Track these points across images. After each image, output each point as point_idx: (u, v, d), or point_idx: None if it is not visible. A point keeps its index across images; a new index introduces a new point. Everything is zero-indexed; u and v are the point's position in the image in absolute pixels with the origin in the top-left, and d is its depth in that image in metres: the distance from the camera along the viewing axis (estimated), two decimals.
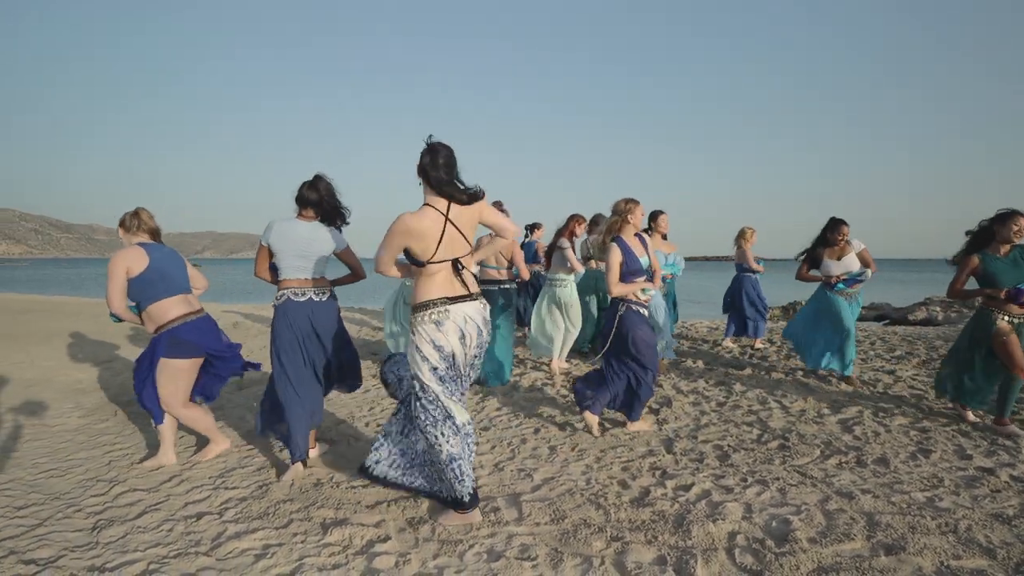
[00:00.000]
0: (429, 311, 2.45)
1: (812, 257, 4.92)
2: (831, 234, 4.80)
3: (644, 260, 3.59)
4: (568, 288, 5.37)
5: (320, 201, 3.05)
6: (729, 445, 3.46)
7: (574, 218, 5.49)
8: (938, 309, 11.15)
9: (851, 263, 4.80)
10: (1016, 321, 3.53)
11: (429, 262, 2.43)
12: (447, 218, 2.43)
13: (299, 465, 3.02)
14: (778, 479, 2.96)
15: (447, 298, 2.46)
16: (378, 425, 3.88)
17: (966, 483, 2.89)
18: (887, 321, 12.44)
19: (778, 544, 2.32)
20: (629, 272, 3.52)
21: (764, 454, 3.32)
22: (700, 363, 5.85)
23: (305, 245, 3.01)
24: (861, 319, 14.85)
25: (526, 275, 5.09)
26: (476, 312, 2.52)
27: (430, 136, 2.47)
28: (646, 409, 4.16)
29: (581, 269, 5.34)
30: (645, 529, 2.46)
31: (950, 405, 4.08)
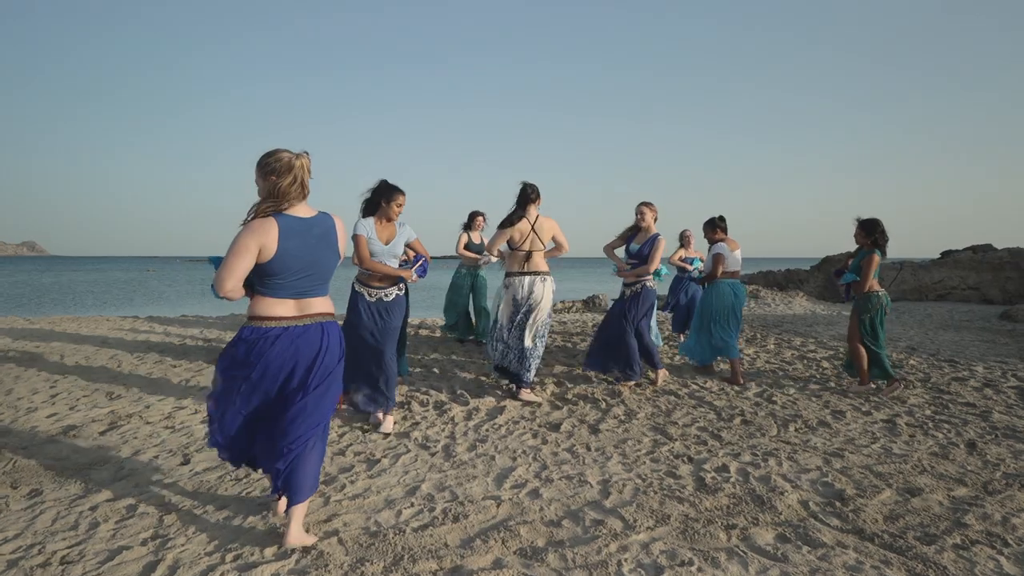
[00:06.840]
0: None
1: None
2: None
3: None
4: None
5: None
6: (707, 427, 3.83)
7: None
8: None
9: None
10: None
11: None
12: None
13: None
14: (777, 450, 3.40)
15: None
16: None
17: (889, 433, 3.71)
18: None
19: (843, 503, 2.69)
20: None
21: (743, 431, 3.76)
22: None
23: None
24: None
25: None
26: None
27: None
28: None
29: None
30: (740, 513, 2.60)
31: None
